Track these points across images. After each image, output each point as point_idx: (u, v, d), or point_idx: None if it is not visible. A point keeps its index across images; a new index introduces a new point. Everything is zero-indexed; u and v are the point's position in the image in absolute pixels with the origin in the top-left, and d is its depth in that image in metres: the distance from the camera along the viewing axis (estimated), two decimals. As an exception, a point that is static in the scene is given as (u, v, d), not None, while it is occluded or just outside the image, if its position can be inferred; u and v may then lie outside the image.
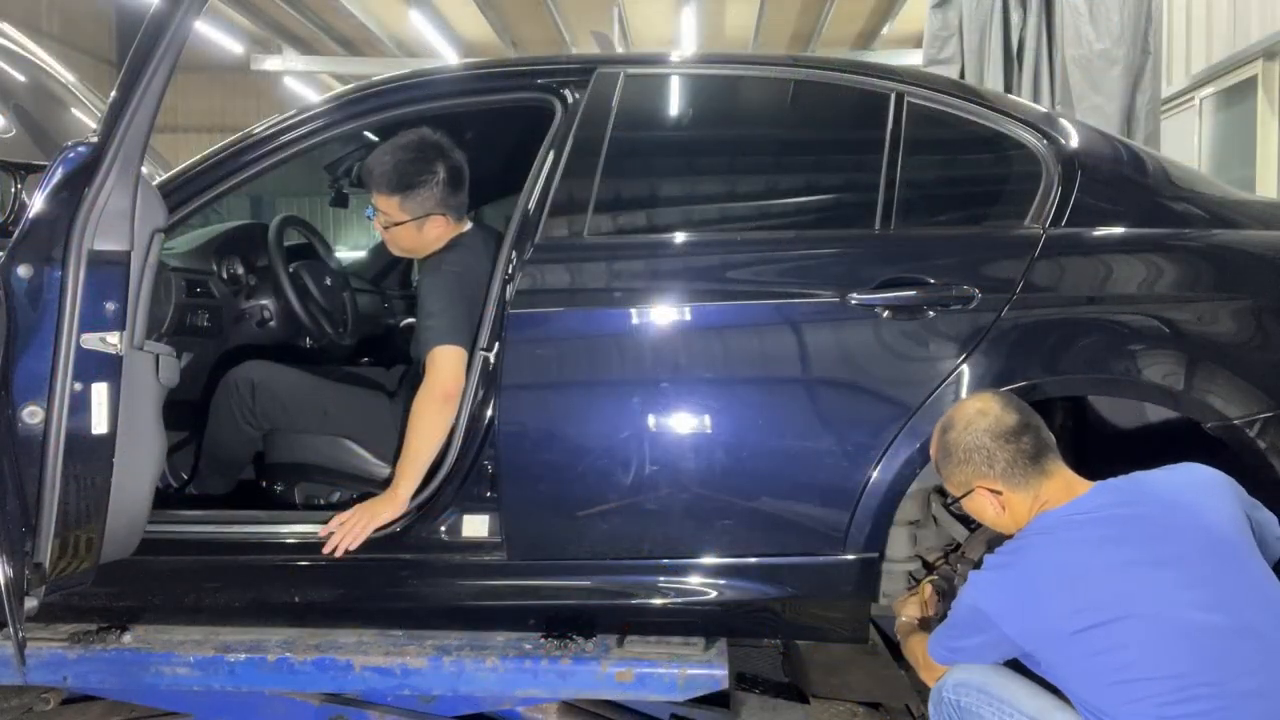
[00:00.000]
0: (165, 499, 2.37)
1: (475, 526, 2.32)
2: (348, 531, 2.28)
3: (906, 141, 2.36)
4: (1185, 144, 8.03)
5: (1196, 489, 1.83)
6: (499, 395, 2.25)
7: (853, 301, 2.20)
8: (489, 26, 15.14)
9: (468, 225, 2.60)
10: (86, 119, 3.84)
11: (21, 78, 3.82)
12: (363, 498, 2.49)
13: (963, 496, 1.95)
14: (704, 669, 2.21)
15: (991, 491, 1.89)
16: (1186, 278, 2.26)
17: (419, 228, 2.51)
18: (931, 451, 2.02)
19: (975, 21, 4.51)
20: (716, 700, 2.43)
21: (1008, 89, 4.40)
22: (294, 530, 2.38)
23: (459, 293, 2.39)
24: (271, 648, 2.29)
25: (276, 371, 2.68)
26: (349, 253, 5.08)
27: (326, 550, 2.28)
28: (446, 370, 2.32)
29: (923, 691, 2.10)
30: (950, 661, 1.92)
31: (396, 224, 2.50)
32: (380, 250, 4.12)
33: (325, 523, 2.33)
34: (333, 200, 3.86)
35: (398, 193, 2.47)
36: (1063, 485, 1.86)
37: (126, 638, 2.34)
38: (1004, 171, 2.49)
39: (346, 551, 2.28)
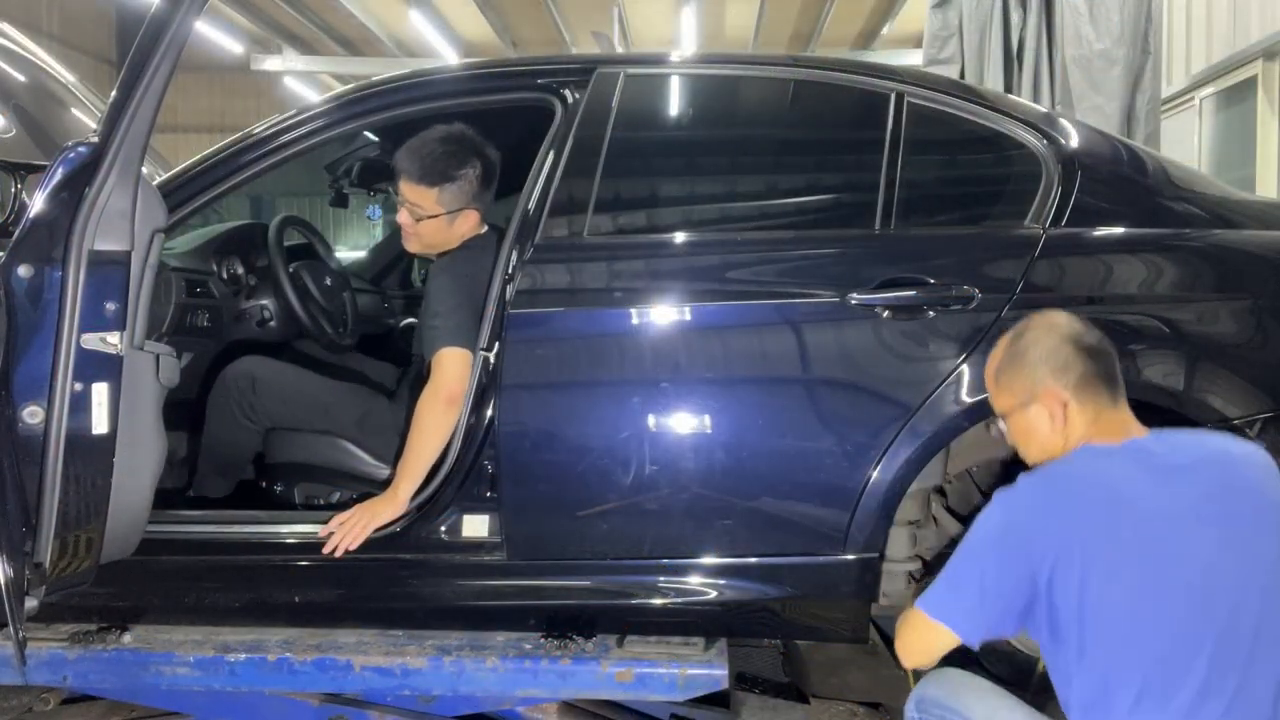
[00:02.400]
0: (166, 499, 2.37)
1: (475, 526, 2.32)
2: (348, 531, 2.28)
3: (906, 141, 2.36)
4: (1185, 144, 8.04)
5: (1254, 465, 1.75)
6: (499, 395, 2.25)
7: (853, 301, 2.20)
8: (489, 26, 15.15)
9: (485, 227, 2.60)
10: (86, 119, 3.83)
11: (21, 78, 3.82)
12: (362, 498, 2.48)
13: (1014, 410, 1.82)
14: (704, 669, 2.21)
15: (1055, 402, 1.77)
16: (1186, 278, 2.26)
17: (450, 221, 2.50)
18: (994, 362, 1.88)
19: (975, 21, 4.51)
20: (716, 700, 2.43)
21: (1008, 89, 4.40)
22: (294, 530, 2.38)
23: (467, 295, 2.39)
24: (271, 648, 2.29)
25: (275, 367, 2.68)
26: (349, 253, 5.08)
27: (327, 550, 2.28)
28: (452, 372, 2.31)
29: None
30: (940, 609, 1.75)
31: (430, 217, 2.48)
32: (380, 250, 4.12)
33: (325, 523, 2.32)
34: (333, 200, 3.87)
35: (436, 185, 2.46)
36: (1120, 423, 1.78)
37: (126, 638, 2.34)
38: (1004, 171, 2.48)
39: (346, 551, 2.28)
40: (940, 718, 1.80)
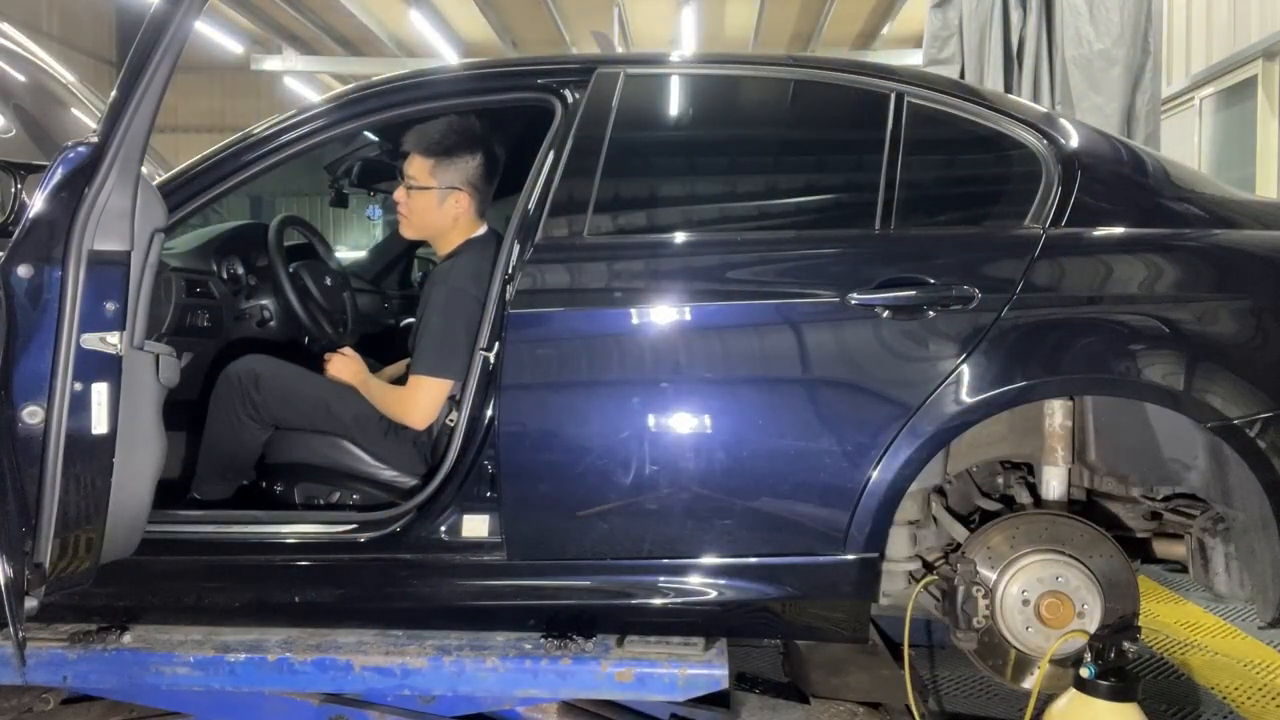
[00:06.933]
0: (166, 499, 2.37)
1: (475, 526, 2.32)
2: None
3: (906, 141, 2.36)
4: (1185, 144, 8.05)
5: None
6: (499, 395, 2.25)
7: (853, 301, 2.20)
8: (489, 26, 15.16)
9: (484, 228, 2.63)
10: (86, 119, 3.83)
11: (21, 78, 3.82)
12: (362, 498, 2.49)
13: None
14: (704, 669, 2.21)
15: None
16: (1186, 278, 2.25)
17: (441, 200, 2.57)
18: None
19: (975, 21, 4.51)
20: (716, 700, 2.43)
21: (1008, 89, 4.41)
22: (294, 530, 2.38)
23: (462, 313, 2.42)
24: (271, 648, 2.29)
25: (278, 365, 2.68)
26: (349, 253, 5.08)
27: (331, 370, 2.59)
28: (428, 402, 2.45)
29: (922, 691, 2.09)
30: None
31: (422, 189, 2.57)
32: (380, 250, 4.12)
33: (325, 523, 2.33)
34: (333, 200, 3.87)
35: (433, 156, 2.56)
36: None
37: (126, 638, 2.34)
38: (1004, 171, 2.48)
39: (345, 552, 2.27)
40: None
